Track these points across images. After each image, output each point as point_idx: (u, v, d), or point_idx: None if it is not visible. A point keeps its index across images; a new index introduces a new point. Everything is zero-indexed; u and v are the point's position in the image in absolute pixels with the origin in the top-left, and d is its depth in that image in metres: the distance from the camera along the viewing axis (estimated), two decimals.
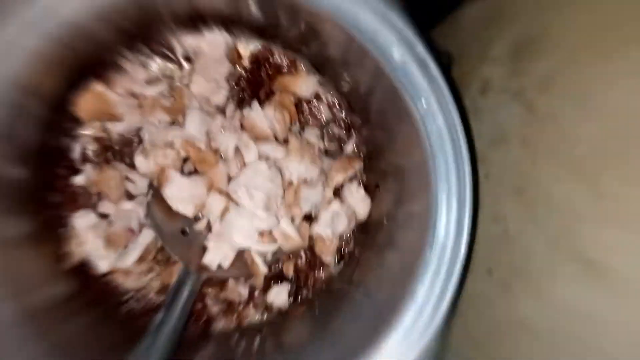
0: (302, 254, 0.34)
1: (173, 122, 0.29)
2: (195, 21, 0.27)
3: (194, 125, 0.27)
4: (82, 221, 0.28)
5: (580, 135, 0.28)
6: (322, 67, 0.32)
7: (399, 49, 0.21)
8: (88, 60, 0.26)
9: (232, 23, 0.29)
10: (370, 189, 0.34)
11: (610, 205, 0.24)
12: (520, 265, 0.31)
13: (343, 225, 0.32)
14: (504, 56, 0.39)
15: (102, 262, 0.29)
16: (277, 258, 0.32)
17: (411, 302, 0.25)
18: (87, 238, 0.28)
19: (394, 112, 0.26)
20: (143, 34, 0.28)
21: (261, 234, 0.30)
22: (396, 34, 0.21)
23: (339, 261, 0.35)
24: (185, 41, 0.29)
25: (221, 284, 0.33)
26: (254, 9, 0.25)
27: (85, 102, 0.26)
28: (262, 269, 0.29)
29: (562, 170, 0.29)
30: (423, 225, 0.26)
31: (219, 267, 0.29)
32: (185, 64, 0.30)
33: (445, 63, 0.38)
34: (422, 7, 0.41)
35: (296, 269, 0.34)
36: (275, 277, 0.34)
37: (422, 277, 0.25)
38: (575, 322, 0.25)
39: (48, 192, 0.28)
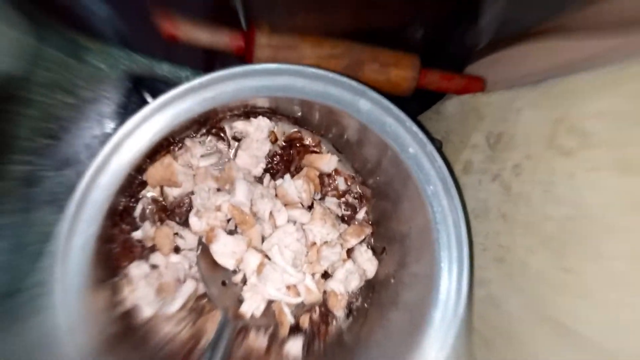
0: (317, 308, 0.39)
1: (219, 189, 0.35)
2: (247, 113, 0.35)
3: (241, 192, 0.33)
4: (136, 271, 0.32)
5: (547, 215, 0.34)
6: (341, 148, 0.39)
7: (413, 146, 0.29)
8: (163, 145, 0.32)
9: (274, 114, 0.36)
10: (378, 252, 0.40)
11: (573, 278, 0.29)
12: (502, 326, 0.36)
13: (355, 283, 0.38)
14: (482, 144, 0.47)
15: (148, 308, 0.33)
16: (299, 310, 0.36)
17: (418, 354, 0.30)
18: (140, 285, 0.32)
19: (403, 192, 0.33)
20: (204, 124, 0.35)
21: (288, 287, 0.34)
22: (412, 135, 0.29)
23: (347, 316, 0.40)
24: (235, 126, 0.36)
25: (245, 333, 0.37)
26: (296, 109, 0.33)
27: (155, 171, 0.32)
28: (289, 319, 0.34)
29: (534, 244, 0.35)
30: (427, 286, 0.31)
31: (252, 316, 0.33)
32: (233, 143, 0.37)
33: (437, 147, 0.46)
34: (412, 99, 0.50)
35: (310, 322, 0.39)
36: (291, 329, 0.38)
37: (426, 332, 0.30)
38: None
39: (111, 245, 0.32)
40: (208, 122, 0.34)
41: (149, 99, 0.36)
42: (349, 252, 0.39)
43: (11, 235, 0.32)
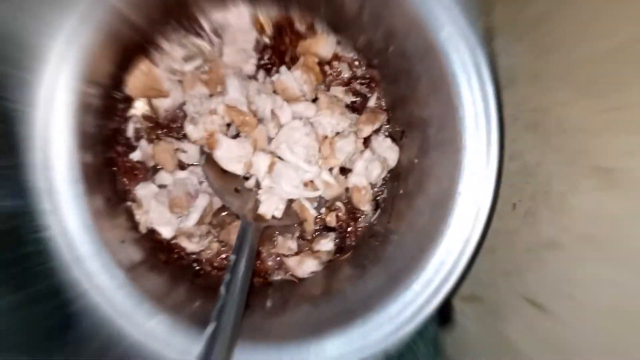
0: (342, 205, 0.37)
1: (211, 95, 0.32)
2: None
3: (234, 89, 0.30)
4: (144, 192, 0.31)
5: (584, 58, 0.30)
6: (338, 27, 0.35)
7: None
8: (132, 44, 0.29)
9: None
10: (397, 138, 0.37)
11: (616, 115, 0.26)
12: (542, 192, 0.33)
13: (377, 172, 0.35)
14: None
15: (166, 229, 0.32)
16: (322, 206, 0.35)
17: (444, 235, 0.28)
18: (151, 206, 0.31)
19: (415, 52, 0.28)
20: (174, 15, 0.30)
21: (305, 184, 0.32)
22: None
23: (375, 210, 0.38)
24: (213, 17, 0.31)
25: (271, 240, 0.36)
26: None
27: (134, 80, 0.29)
28: (312, 212, 0.32)
29: (570, 94, 0.31)
30: (451, 166, 0.28)
31: (273, 217, 0.32)
32: (215, 39, 0.33)
33: None
34: None
35: (338, 220, 0.37)
36: (320, 230, 0.37)
37: (454, 215, 0.28)
38: (596, 227, 0.26)
39: (111, 170, 0.30)
40: (180, 15, 0.30)
41: None
42: (366, 142, 0.36)
43: None
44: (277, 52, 0.34)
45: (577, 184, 0.30)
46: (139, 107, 0.32)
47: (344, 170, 0.36)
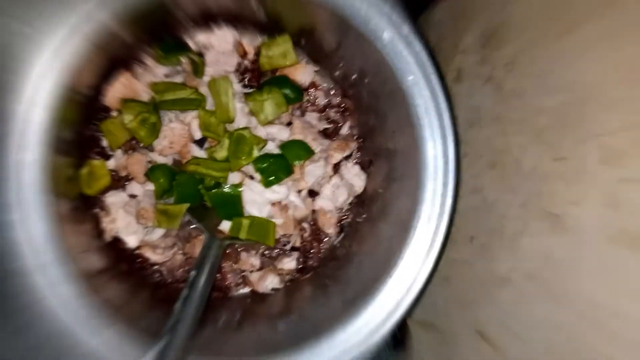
0: (307, 226, 0.38)
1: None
2: (206, 19, 0.31)
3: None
4: (113, 200, 0.31)
5: (542, 107, 0.32)
6: (317, 58, 0.36)
7: (388, 31, 0.26)
8: (117, 58, 0.30)
9: (237, 21, 0.33)
10: (365, 165, 0.38)
11: (565, 165, 0.28)
12: (497, 228, 0.35)
13: (343, 198, 0.36)
14: (474, 46, 0.44)
15: (132, 238, 0.32)
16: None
17: (401, 261, 0.29)
18: (119, 215, 0.31)
19: (384, 91, 0.30)
20: (159, 33, 0.32)
21: (273, 204, 0.33)
22: (386, 18, 0.26)
23: (339, 233, 0.39)
24: (197, 37, 0.33)
25: (235, 257, 0.36)
26: (256, 8, 0.29)
27: (114, 92, 0.30)
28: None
29: (528, 140, 0.33)
30: (412, 198, 0.30)
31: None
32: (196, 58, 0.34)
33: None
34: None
35: (302, 240, 0.38)
36: (284, 249, 0.38)
37: (411, 243, 0.30)
38: (543, 268, 0.28)
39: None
40: (166, 34, 0.31)
41: None
42: (336, 167, 0.37)
43: None
44: (257, 74, 0.36)
45: (529, 226, 0.32)
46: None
47: (312, 193, 0.37)
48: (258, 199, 0.32)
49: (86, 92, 0.29)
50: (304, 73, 0.36)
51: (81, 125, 0.30)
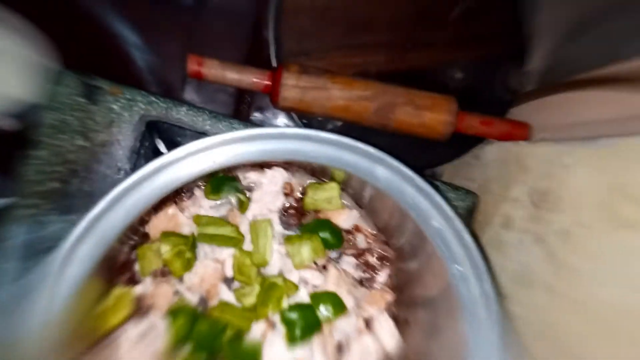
0: None
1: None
2: (262, 166, 0.32)
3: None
4: (132, 332, 0.30)
5: (601, 299, 0.29)
6: (363, 204, 0.36)
7: (437, 219, 0.25)
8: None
9: (290, 165, 0.33)
10: (400, 324, 0.35)
11: None
12: None
13: (372, 358, 0.33)
14: (524, 200, 0.42)
15: None
16: None
17: None
18: (134, 351, 0.29)
19: (428, 265, 0.28)
20: (215, 174, 0.32)
21: None
22: (436, 207, 0.25)
23: None
24: (249, 176, 0.33)
25: None
26: (314, 164, 0.30)
27: (158, 223, 0.30)
28: None
29: (583, 330, 0.30)
30: None
31: None
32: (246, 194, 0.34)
33: (470, 204, 0.41)
34: (445, 144, 0.46)
35: None
36: None
37: None
38: None
39: None
40: (220, 172, 0.32)
41: (160, 145, 0.34)
42: (367, 322, 0.35)
43: (12, 281, 0.31)
44: (299, 214, 0.35)
45: None
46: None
47: (339, 347, 0.34)
48: (279, 357, 0.29)
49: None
50: (346, 218, 0.35)
51: (118, 249, 0.30)
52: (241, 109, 0.56)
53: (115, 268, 0.30)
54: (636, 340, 0.25)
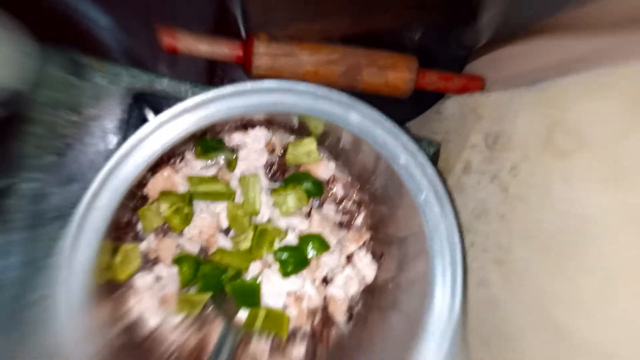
0: (318, 313, 0.40)
1: None
2: (245, 125, 0.35)
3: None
4: (141, 281, 0.34)
5: (545, 219, 0.34)
6: (339, 155, 0.40)
7: (404, 156, 0.29)
8: (164, 156, 0.33)
9: (271, 124, 0.37)
10: (376, 257, 0.40)
11: (570, 288, 0.29)
12: (500, 328, 0.36)
13: (354, 288, 0.38)
14: (480, 144, 0.47)
15: (153, 319, 0.34)
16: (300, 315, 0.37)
17: (412, 353, 0.30)
18: (145, 296, 0.33)
19: (399, 199, 0.33)
20: (203, 135, 0.36)
21: (289, 294, 0.35)
22: (403, 145, 0.29)
23: (348, 320, 0.40)
24: (233, 137, 0.37)
25: (247, 338, 0.38)
26: (293, 120, 0.33)
27: (156, 183, 0.33)
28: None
29: (532, 249, 0.35)
30: (422, 291, 0.32)
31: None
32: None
33: (432, 152, 0.46)
34: (412, 99, 0.50)
35: (312, 327, 0.39)
36: (293, 334, 0.39)
37: (423, 336, 0.30)
38: None
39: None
40: (207, 134, 0.35)
41: (149, 114, 0.37)
42: (348, 257, 0.40)
43: (20, 252, 0.34)
44: (282, 168, 0.39)
45: (533, 337, 0.33)
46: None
47: (324, 279, 0.39)
48: (275, 289, 0.34)
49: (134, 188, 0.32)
50: (324, 170, 0.39)
51: (121, 213, 0.33)
52: (214, 82, 0.58)
53: (120, 228, 0.34)
54: (574, 251, 0.30)
